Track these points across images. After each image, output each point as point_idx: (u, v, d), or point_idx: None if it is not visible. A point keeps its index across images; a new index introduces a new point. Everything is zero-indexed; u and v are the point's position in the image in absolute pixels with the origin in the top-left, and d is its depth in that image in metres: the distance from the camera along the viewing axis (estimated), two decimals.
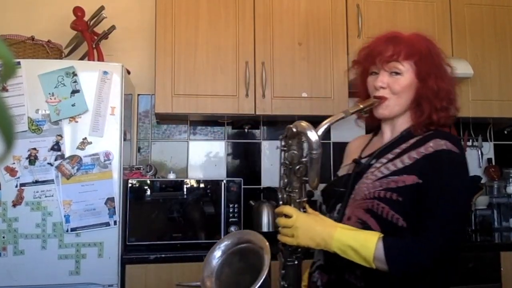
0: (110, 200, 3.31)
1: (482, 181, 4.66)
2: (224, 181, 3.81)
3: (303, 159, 1.98)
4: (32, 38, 3.67)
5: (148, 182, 3.71)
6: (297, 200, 1.99)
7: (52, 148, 3.29)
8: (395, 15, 4.29)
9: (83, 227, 3.27)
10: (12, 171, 3.24)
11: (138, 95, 4.40)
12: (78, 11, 3.86)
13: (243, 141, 4.55)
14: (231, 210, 3.75)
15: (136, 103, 4.38)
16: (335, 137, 4.67)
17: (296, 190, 2.00)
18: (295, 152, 1.99)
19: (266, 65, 4.03)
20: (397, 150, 2.04)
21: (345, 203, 2.07)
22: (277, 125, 4.58)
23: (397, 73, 2.05)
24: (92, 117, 3.34)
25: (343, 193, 2.10)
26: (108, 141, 3.35)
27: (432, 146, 1.95)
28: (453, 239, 1.89)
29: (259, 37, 4.07)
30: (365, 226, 1.94)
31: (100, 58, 3.88)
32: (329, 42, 4.16)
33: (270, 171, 4.57)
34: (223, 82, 3.98)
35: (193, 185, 3.77)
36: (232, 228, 3.72)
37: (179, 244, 3.66)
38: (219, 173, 4.47)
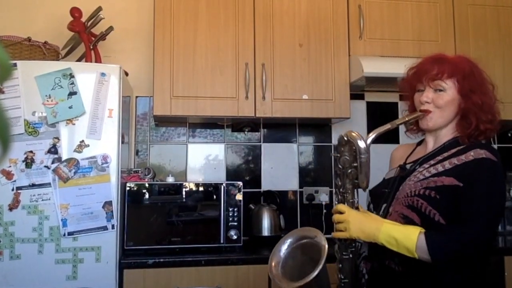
0: (108, 203, 3.31)
1: None
2: (224, 184, 3.81)
3: (354, 164, 2.23)
4: (29, 39, 3.67)
5: (147, 185, 3.71)
6: (350, 200, 2.25)
7: (49, 151, 3.29)
8: (397, 16, 4.29)
9: (80, 231, 3.27)
10: (8, 174, 3.24)
11: (136, 97, 4.40)
12: (75, 12, 3.86)
13: (243, 144, 4.55)
14: (230, 214, 3.75)
15: (134, 105, 4.38)
16: (336, 140, 4.65)
17: (349, 192, 2.25)
18: (347, 158, 2.24)
19: (266, 67, 4.03)
20: (439, 158, 2.31)
21: (389, 203, 2.36)
22: (278, 127, 4.59)
23: (440, 90, 2.33)
24: (90, 120, 3.34)
25: (388, 194, 2.40)
26: (106, 144, 3.35)
27: (472, 154, 2.22)
28: (487, 233, 2.16)
29: (259, 38, 4.07)
30: (407, 219, 2.22)
31: (98, 60, 3.88)
32: (330, 43, 4.16)
33: (270, 174, 4.57)
34: (222, 84, 3.98)
35: (192, 189, 3.77)
36: (232, 233, 3.72)
37: (178, 248, 3.66)
38: (219, 176, 4.47)
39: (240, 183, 3.83)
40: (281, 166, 4.63)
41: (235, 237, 3.71)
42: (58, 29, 4.05)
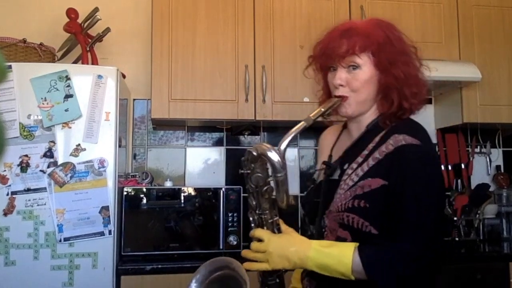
0: (105, 208, 3.31)
1: (491, 189, 4.65)
2: (223, 189, 3.81)
3: (269, 179, 1.93)
4: (24, 41, 3.67)
5: (144, 190, 3.71)
6: (270, 221, 1.97)
7: (45, 155, 3.29)
8: (400, 17, 4.28)
9: (76, 236, 3.27)
10: (3, 179, 3.25)
11: (134, 100, 4.40)
12: (71, 13, 3.86)
13: (243, 148, 4.55)
14: (230, 219, 3.75)
15: (131, 108, 4.39)
16: None
17: (267, 211, 1.97)
18: (260, 174, 1.94)
19: (267, 69, 4.03)
20: (365, 152, 2.03)
21: (320, 215, 2.11)
22: (278, 131, 4.59)
23: (355, 67, 2.03)
24: (86, 123, 3.34)
25: (319, 203, 2.13)
26: (103, 147, 3.36)
27: (391, 143, 1.96)
28: (429, 244, 1.88)
29: (259, 40, 4.08)
30: (340, 240, 1.97)
31: (94, 62, 3.88)
32: None
33: None
34: (221, 87, 3.98)
35: (190, 193, 3.77)
36: (232, 238, 3.72)
37: (176, 254, 3.66)
38: (218, 180, 4.47)
39: (240, 188, 3.83)
40: None
41: (234, 242, 3.72)
42: (54, 30, 4.05)
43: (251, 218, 2.01)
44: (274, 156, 1.84)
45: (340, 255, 1.85)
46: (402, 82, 2.03)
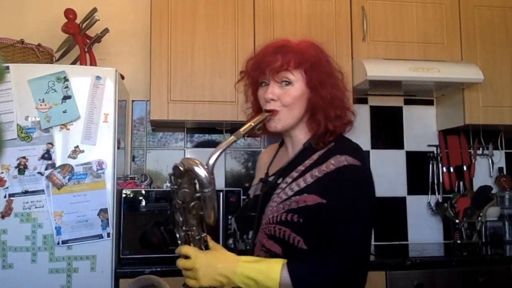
0: (103, 211, 3.31)
1: (493, 191, 4.65)
2: (223, 191, 3.81)
3: (197, 195, 1.92)
4: (22, 42, 3.67)
5: (143, 192, 3.70)
6: (197, 237, 1.97)
7: (43, 157, 3.29)
8: (402, 17, 4.29)
9: (75, 239, 3.27)
10: (0, 181, 3.25)
11: (133, 101, 4.40)
12: (69, 13, 3.86)
13: (243, 150, 4.55)
14: (229, 222, 3.74)
15: (130, 110, 4.39)
16: None
17: (194, 228, 1.96)
18: (187, 190, 1.93)
19: None
20: (301, 168, 2.07)
21: (255, 229, 2.11)
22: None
23: (287, 83, 2.07)
24: (84, 125, 3.34)
25: (253, 218, 2.13)
26: (101, 149, 3.35)
27: (333, 163, 1.99)
28: (357, 261, 1.94)
29: (259, 40, 4.06)
30: (270, 253, 1.99)
31: (93, 63, 3.88)
32: (332, 46, 4.16)
33: None
34: (221, 88, 3.98)
35: None
36: (231, 241, 3.72)
37: (175, 257, 3.65)
38: (218, 183, 4.44)
39: (240, 190, 3.83)
40: None
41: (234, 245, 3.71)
42: (52, 31, 4.04)
43: (177, 235, 2.01)
44: (201, 171, 1.87)
45: (268, 270, 1.87)
46: (328, 103, 2.09)
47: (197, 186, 1.90)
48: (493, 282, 3.75)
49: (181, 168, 1.89)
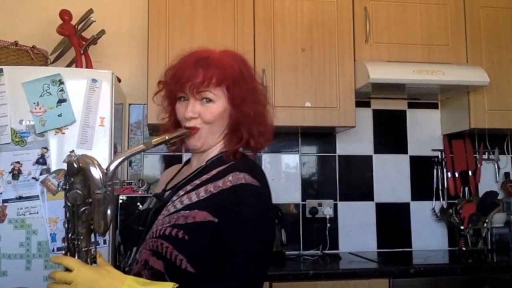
0: None
1: (499, 197, 4.66)
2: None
3: (89, 200, 1.78)
4: (16, 43, 3.68)
5: (140, 198, 3.70)
6: (84, 249, 1.79)
7: (37, 162, 3.29)
8: (405, 18, 4.30)
9: None
10: None
11: (130, 104, 4.41)
12: (65, 15, 3.87)
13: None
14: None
15: (127, 113, 4.39)
16: (340, 151, 4.68)
17: (82, 237, 1.79)
18: (79, 191, 1.77)
19: (267, 73, 4.04)
20: (197, 182, 2.01)
21: (140, 245, 2.01)
22: (279, 137, 4.59)
23: (208, 100, 2.02)
24: (80, 129, 3.34)
25: (140, 232, 2.04)
26: (97, 154, 3.33)
27: (230, 180, 1.91)
28: (250, 284, 1.84)
29: (259, 42, 4.09)
30: (153, 271, 1.88)
31: (89, 65, 3.88)
32: (334, 48, 4.18)
33: (271, 186, 4.54)
34: None
35: None
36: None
37: None
38: None
39: None
40: (283, 178, 4.65)
41: None
42: (47, 32, 4.05)
43: (64, 244, 1.83)
44: (96, 172, 1.73)
45: None
46: (251, 120, 2.05)
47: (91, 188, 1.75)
48: None
49: (75, 165, 1.75)
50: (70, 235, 1.80)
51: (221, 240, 1.82)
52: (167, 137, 2.00)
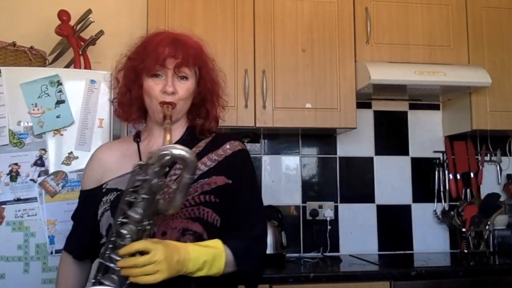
0: None
1: (501, 199, 4.66)
2: None
3: (171, 183, 2.06)
4: (14, 44, 3.67)
5: None
6: (147, 232, 1.93)
7: (35, 163, 3.29)
8: (407, 19, 4.30)
9: None
10: None
11: None
12: (63, 15, 3.86)
13: None
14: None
15: None
16: (341, 152, 4.68)
17: (152, 221, 1.95)
18: (157, 180, 1.92)
19: (267, 74, 4.05)
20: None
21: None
22: (279, 138, 4.60)
23: (184, 78, 2.21)
24: (79, 130, 3.34)
25: None
26: None
27: (229, 147, 2.26)
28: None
29: (259, 43, 4.09)
30: (196, 235, 2.08)
31: (87, 66, 3.88)
32: (335, 49, 4.18)
33: (271, 188, 4.57)
34: None
35: None
36: None
37: None
38: None
39: None
40: (283, 180, 4.65)
41: None
42: (45, 33, 4.05)
43: (125, 232, 1.89)
44: (192, 157, 1.90)
45: (214, 251, 2.01)
46: (210, 99, 2.33)
47: (182, 173, 1.92)
48: None
49: (168, 157, 1.89)
50: (143, 221, 1.90)
51: (240, 194, 2.20)
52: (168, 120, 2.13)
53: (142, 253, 1.86)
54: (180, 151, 1.89)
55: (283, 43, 4.13)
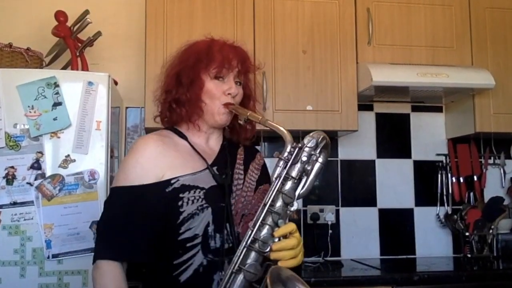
0: (96, 223, 3.30)
1: (505, 203, 4.66)
2: None
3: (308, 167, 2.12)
4: (10, 45, 3.68)
5: None
6: (289, 213, 2.06)
7: (32, 167, 3.29)
8: (409, 20, 4.30)
9: (65, 253, 3.26)
10: None
11: (126, 108, 4.41)
12: (60, 16, 3.86)
13: None
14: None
15: (124, 117, 4.39)
16: (342, 155, 4.69)
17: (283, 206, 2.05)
18: (301, 163, 2.11)
19: (267, 75, 4.05)
20: (240, 162, 2.39)
21: (231, 221, 2.19)
22: (279, 141, 4.59)
23: (239, 83, 2.34)
24: (76, 133, 3.34)
25: (223, 209, 2.18)
26: (93, 158, 3.35)
27: (260, 158, 2.49)
28: None
29: (259, 44, 4.09)
30: None
31: (85, 67, 3.89)
32: (336, 50, 4.18)
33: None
34: None
35: None
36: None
37: None
38: None
39: None
40: None
41: None
42: (42, 34, 4.05)
43: (282, 213, 2.03)
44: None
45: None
46: (253, 105, 2.46)
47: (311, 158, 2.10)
48: None
49: (324, 141, 2.15)
50: (288, 206, 2.03)
51: None
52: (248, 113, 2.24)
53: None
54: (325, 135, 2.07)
55: (284, 44, 4.13)
